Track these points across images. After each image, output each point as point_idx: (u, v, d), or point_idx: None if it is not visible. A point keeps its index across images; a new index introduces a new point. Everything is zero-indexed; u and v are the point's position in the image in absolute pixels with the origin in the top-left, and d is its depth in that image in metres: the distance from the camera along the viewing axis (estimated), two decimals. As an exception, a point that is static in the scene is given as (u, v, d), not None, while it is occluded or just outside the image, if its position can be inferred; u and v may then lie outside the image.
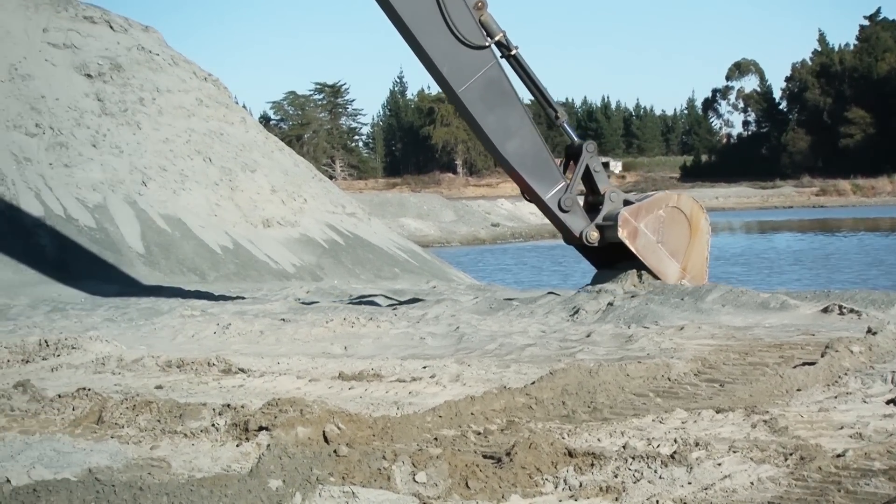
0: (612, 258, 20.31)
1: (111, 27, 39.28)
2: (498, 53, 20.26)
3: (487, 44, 19.95)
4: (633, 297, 17.85)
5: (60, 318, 20.57)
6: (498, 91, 20.03)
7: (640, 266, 19.82)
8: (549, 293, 20.58)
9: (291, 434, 8.31)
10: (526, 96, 21.28)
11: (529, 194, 20.73)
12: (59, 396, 10.41)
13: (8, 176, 31.67)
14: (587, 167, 20.60)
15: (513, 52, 20.40)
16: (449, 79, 19.86)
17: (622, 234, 19.70)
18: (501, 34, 20.15)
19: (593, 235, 20.20)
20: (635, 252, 19.70)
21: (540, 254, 57.14)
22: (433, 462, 7.32)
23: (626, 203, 20.30)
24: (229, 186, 36.05)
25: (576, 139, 21.07)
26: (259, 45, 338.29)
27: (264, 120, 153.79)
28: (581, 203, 20.70)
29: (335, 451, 7.66)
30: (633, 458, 7.40)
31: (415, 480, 7.19)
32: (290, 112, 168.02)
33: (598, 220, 20.25)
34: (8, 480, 7.41)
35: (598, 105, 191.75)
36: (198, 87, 39.95)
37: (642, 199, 20.62)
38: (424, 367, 12.35)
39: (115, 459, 8.08)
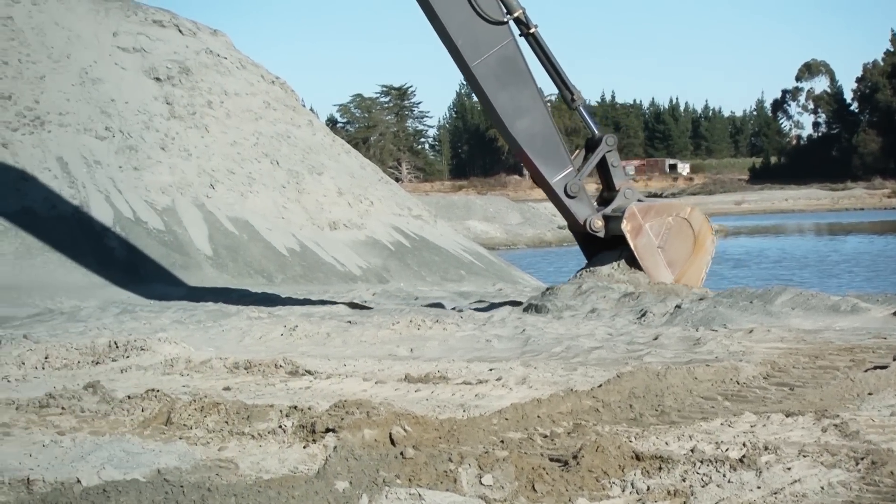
0: (609, 252, 20.10)
1: (180, 31, 39.64)
2: (517, 31, 20.06)
3: (506, 19, 19.78)
4: (700, 299, 17.70)
5: (130, 320, 20.74)
6: (512, 69, 19.81)
7: (635, 264, 19.62)
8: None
9: (358, 436, 8.32)
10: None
11: (536, 177, 20.52)
12: (129, 398, 10.50)
13: (78, 179, 32.04)
14: (605, 161, 20.39)
15: (531, 31, 20.15)
16: (463, 52, 19.63)
17: (625, 227, 19.48)
18: (521, 11, 19.93)
19: (597, 224, 20.00)
20: (633, 249, 19.47)
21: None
22: (499, 464, 7.30)
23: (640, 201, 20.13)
24: (296, 189, 36.23)
25: (596, 131, 20.82)
26: (326, 48, 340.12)
27: (331, 122, 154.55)
28: (594, 199, 20.52)
29: (401, 454, 7.66)
30: (702, 462, 7.33)
31: (481, 483, 7.17)
32: (357, 114, 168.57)
33: (607, 210, 20.07)
34: (78, 481, 7.48)
35: (666, 107, 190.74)
36: (265, 90, 40.20)
37: (657, 202, 20.43)
38: (491, 370, 12.32)
39: (184, 460, 8.13)
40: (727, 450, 7.86)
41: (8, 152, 32.04)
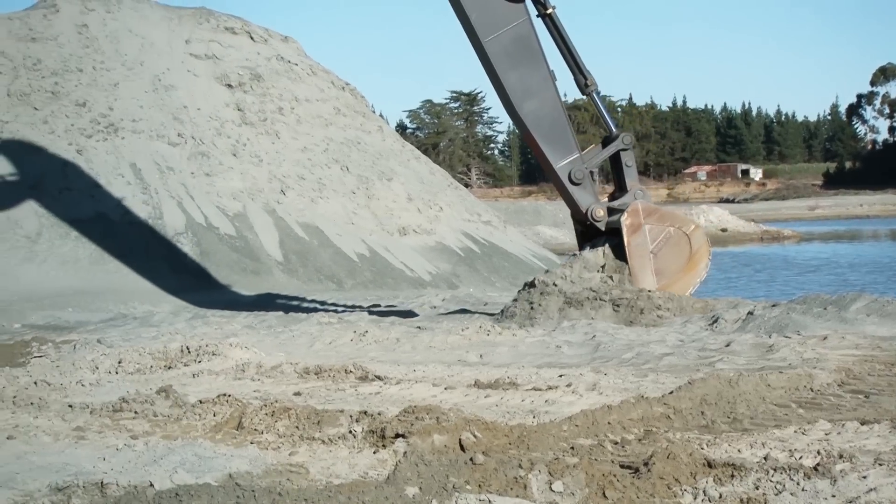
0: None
1: (251, 38, 39.97)
2: (534, 12, 19.89)
3: None
4: (773, 305, 17.50)
5: (201, 325, 20.91)
6: (525, 48, 19.58)
7: (621, 258, 19.39)
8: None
9: (428, 441, 8.31)
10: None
11: (541, 161, 20.29)
12: (201, 402, 10.57)
13: (151, 185, 32.37)
14: (619, 159, 20.20)
15: (549, 11, 19.92)
16: (476, 26, 19.40)
17: (625, 220, 19.19)
18: None
19: (599, 213, 19.75)
20: (626, 245, 19.15)
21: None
22: (570, 471, 7.26)
23: None
24: (366, 195, 36.36)
25: (613, 128, 20.61)
26: (396, 54, 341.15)
27: (401, 128, 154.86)
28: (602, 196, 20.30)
29: (471, 459, 7.63)
30: (775, 470, 7.23)
31: (551, 489, 7.13)
32: (427, 120, 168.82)
33: (613, 203, 19.88)
34: (151, 484, 7.54)
35: (738, 112, 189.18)
36: (336, 96, 40.41)
37: (665, 208, 20.13)
38: (560, 376, 12.26)
39: (255, 465, 8.17)
40: (801, 458, 7.76)
41: (82, 159, 32.45)
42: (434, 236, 36.18)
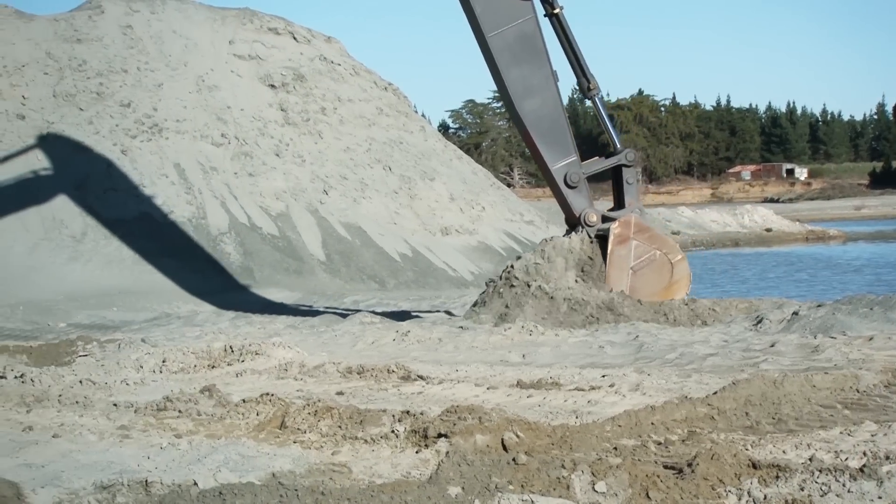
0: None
1: (294, 38, 40.10)
2: (541, 11, 19.76)
3: None
4: (818, 306, 17.37)
5: (244, 325, 21.00)
6: (529, 46, 19.44)
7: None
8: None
9: (470, 441, 8.30)
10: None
11: (537, 161, 20.18)
12: (244, 401, 10.60)
13: (195, 185, 32.54)
14: (620, 175, 20.05)
15: (556, 11, 19.80)
16: (481, 20, 19.30)
17: (614, 229, 19.14)
18: None
19: (592, 218, 19.64)
20: (609, 253, 19.08)
21: (721, 261, 56.18)
22: (613, 472, 7.23)
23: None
24: (408, 195, 36.40)
25: (617, 142, 20.47)
26: (439, 54, 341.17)
27: (443, 128, 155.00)
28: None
29: (514, 459, 7.62)
30: (820, 471, 7.17)
31: (594, 490, 7.10)
32: (469, 120, 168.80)
33: (609, 212, 19.76)
34: (195, 483, 7.57)
35: (783, 111, 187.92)
36: (378, 96, 40.48)
37: (657, 230, 19.97)
38: (603, 376, 12.22)
39: (298, 464, 8.19)
40: (847, 459, 7.69)
41: (127, 159, 32.66)
42: (476, 236, 36.17)
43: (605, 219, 19.76)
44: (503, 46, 19.40)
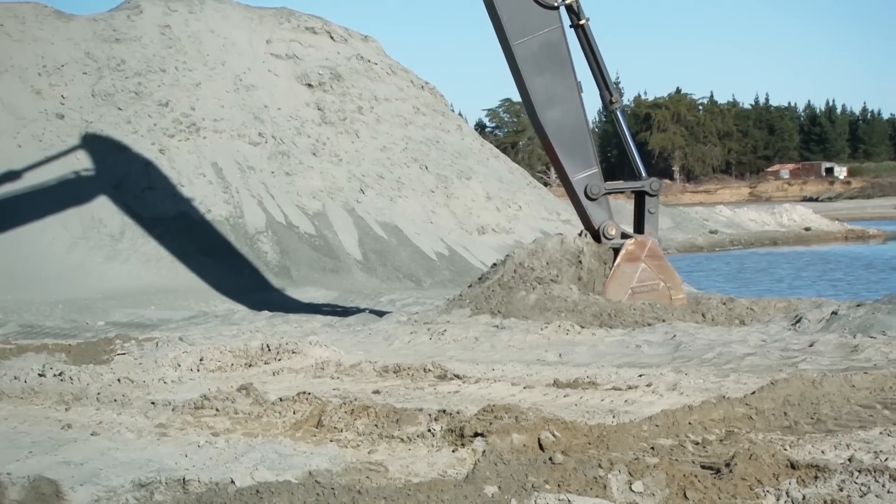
0: None
1: (331, 37, 40.18)
2: (567, 21, 19.69)
3: (557, 4, 19.42)
4: (858, 305, 17.25)
5: (281, 323, 21.05)
6: (554, 56, 19.39)
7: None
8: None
9: (507, 441, 8.29)
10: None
11: (558, 171, 20.14)
12: (281, 400, 10.63)
13: (232, 184, 32.67)
14: (644, 203, 19.99)
15: (581, 22, 19.74)
16: (507, 28, 19.26)
17: (628, 245, 19.21)
18: None
19: (611, 231, 19.61)
20: (616, 265, 19.11)
21: (759, 261, 55.92)
22: (650, 471, 7.20)
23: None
24: (445, 194, 36.40)
25: (642, 170, 20.38)
26: (475, 53, 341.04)
27: (480, 127, 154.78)
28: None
29: (550, 459, 7.61)
30: (860, 472, 7.12)
31: (631, 490, 7.08)
32: (506, 119, 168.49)
33: (630, 230, 19.77)
34: (232, 481, 7.60)
35: (822, 109, 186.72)
36: (415, 95, 40.50)
37: (669, 264, 19.88)
38: (640, 376, 12.18)
39: (335, 463, 8.20)
40: (886, 459, 7.64)
41: (165, 158, 32.83)
42: (513, 235, 36.12)
43: (624, 235, 19.76)
44: (528, 55, 19.39)
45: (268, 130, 35.34)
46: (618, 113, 20.41)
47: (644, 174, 20.36)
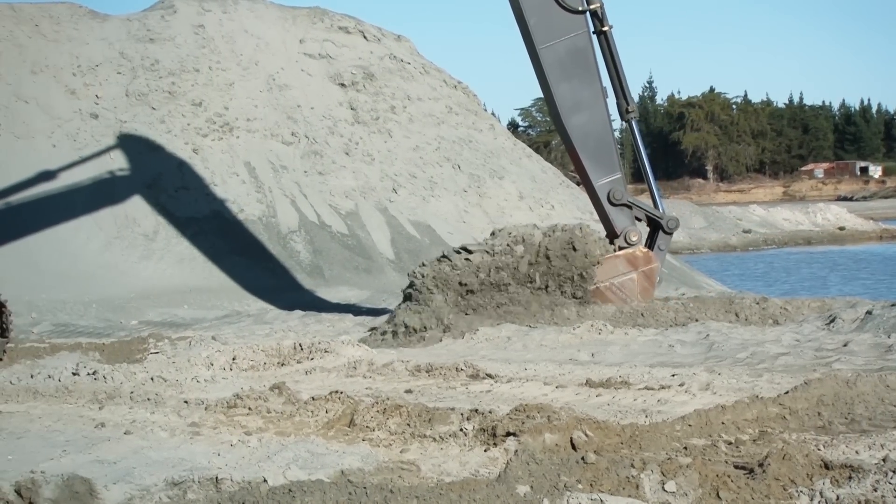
0: None
1: (364, 37, 40.19)
2: (591, 27, 19.62)
3: (582, 9, 19.38)
4: (893, 305, 17.13)
5: (314, 323, 21.10)
6: (580, 61, 19.40)
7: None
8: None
9: (539, 440, 8.28)
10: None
11: (582, 176, 20.13)
12: (313, 399, 10.66)
13: (265, 183, 32.75)
14: (657, 238, 20.01)
15: (605, 29, 19.70)
16: (534, 32, 19.24)
17: (640, 247, 19.52)
18: (599, 4, 19.48)
19: (634, 237, 19.62)
20: (613, 254, 19.18)
21: (792, 260, 55.68)
22: (683, 471, 7.18)
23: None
24: (477, 193, 36.36)
25: (661, 205, 20.48)
26: (508, 52, 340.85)
27: (512, 126, 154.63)
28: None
29: (583, 458, 7.59)
30: (894, 472, 7.08)
31: (664, 489, 7.06)
32: (539, 118, 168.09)
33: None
34: (265, 480, 7.62)
35: (857, 108, 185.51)
36: (448, 94, 40.46)
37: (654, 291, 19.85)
38: (673, 375, 12.14)
39: (367, 462, 8.21)
40: (921, 461, 7.58)
41: (198, 157, 32.94)
42: (546, 235, 36.03)
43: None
44: (554, 60, 19.40)
45: (301, 130, 35.40)
46: (633, 123, 20.39)
47: (663, 209, 20.46)
